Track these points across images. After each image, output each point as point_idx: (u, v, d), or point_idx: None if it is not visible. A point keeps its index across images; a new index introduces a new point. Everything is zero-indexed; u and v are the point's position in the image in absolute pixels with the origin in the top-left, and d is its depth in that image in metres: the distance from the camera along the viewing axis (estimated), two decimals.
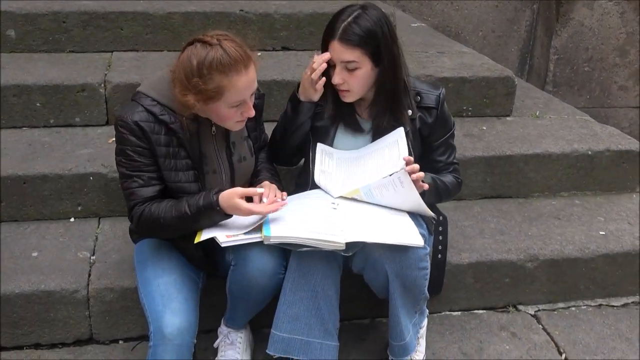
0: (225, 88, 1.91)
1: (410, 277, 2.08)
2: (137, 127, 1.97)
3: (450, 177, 2.34)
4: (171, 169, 2.03)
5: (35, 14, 3.36)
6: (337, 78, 2.13)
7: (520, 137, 3.25)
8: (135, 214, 2.02)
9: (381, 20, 2.12)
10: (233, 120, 2.01)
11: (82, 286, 2.37)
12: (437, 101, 2.27)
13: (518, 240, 2.76)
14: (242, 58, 1.91)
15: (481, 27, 5.35)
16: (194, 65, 1.88)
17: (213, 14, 3.52)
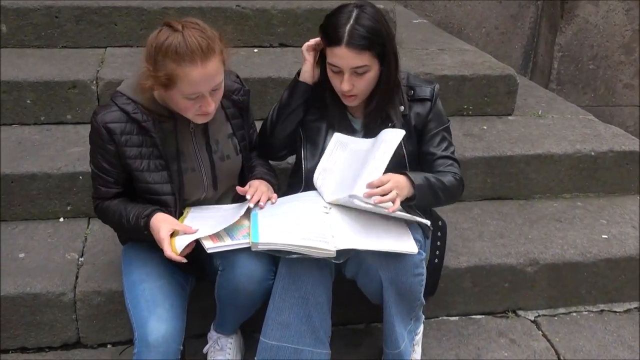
0: (177, 77, 1.83)
1: (405, 284, 2.01)
2: (105, 130, 1.94)
3: (449, 176, 2.21)
4: (142, 169, 1.99)
5: (27, 9, 3.30)
6: (346, 85, 2.05)
7: (522, 137, 3.18)
8: (94, 207, 2.09)
9: (381, 17, 2.05)
10: (191, 112, 1.94)
11: (69, 289, 2.31)
12: (431, 93, 2.20)
13: (518, 244, 2.69)
14: (201, 49, 1.81)
15: (484, 24, 5.28)
16: (151, 49, 1.83)
17: (209, 9, 3.45)
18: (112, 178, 2.02)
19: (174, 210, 2.03)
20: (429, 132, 2.22)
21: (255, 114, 3.10)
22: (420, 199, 2.08)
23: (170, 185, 2.02)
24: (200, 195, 2.12)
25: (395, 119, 2.16)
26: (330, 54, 2.03)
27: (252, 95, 3.07)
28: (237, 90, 2.16)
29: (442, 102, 2.22)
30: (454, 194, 2.22)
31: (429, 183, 2.10)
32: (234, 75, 2.18)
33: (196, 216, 2.06)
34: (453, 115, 3.33)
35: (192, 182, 2.08)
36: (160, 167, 2.01)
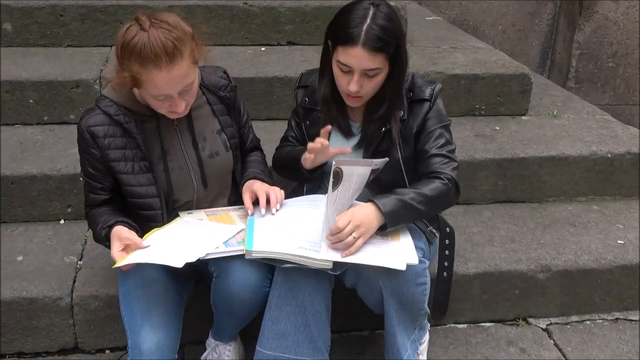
0: (141, 79, 1.77)
1: (407, 294, 1.93)
2: (89, 134, 1.91)
3: (435, 182, 2.01)
4: (127, 172, 1.95)
5: (32, 7, 3.27)
6: (355, 86, 1.95)
7: (536, 138, 3.08)
8: (85, 215, 2.05)
9: (396, 17, 1.95)
10: (162, 110, 1.88)
11: (66, 293, 2.27)
12: (430, 94, 2.09)
13: (530, 249, 2.60)
14: (166, 53, 1.73)
15: (501, 21, 5.19)
16: (119, 47, 1.77)
17: (215, 7, 3.40)
18: (99, 184, 1.98)
19: (160, 213, 1.98)
20: (426, 130, 2.09)
21: (261, 113, 3.11)
22: (396, 223, 1.95)
23: (155, 187, 1.97)
24: (192, 196, 2.06)
25: (392, 124, 2.07)
26: (343, 53, 1.92)
27: (258, 95, 3.09)
28: (224, 86, 2.09)
29: (453, 101, 2.13)
30: (442, 202, 2.05)
31: (404, 204, 1.93)
32: (221, 71, 2.12)
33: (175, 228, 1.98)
34: (464, 116, 3.25)
35: (180, 181, 2.02)
36: (145, 168, 1.95)
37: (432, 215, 2.15)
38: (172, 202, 2.04)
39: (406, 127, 2.09)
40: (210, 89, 2.06)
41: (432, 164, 2.06)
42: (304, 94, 2.20)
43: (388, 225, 1.92)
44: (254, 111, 3.07)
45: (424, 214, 2.02)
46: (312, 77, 2.19)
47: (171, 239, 1.92)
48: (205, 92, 2.06)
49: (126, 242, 1.85)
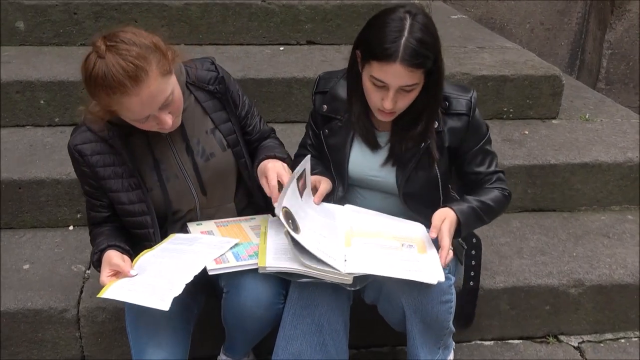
0: (114, 108, 1.67)
1: (432, 313, 1.80)
2: (77, 153, 1.83)
3: (495, 192, 2.00)
4: (117, 190, 1.85)
5: (45, 5, 3.18)
6: (389, 103, 1.79)
7: (567, 143, 2.93)
8: (89, 234, 1.97)
9: (433, 27, 1.79)
10: (152, 129, 1.77)
11: (72, 305, 2.18)
12: (468, 106, 1.95)
13: (561, 262, 2.46)
14: (129, 77, 1.59)
15: (529, 20, 5.04)
16: (83, 80, 1.66)
17: (233, 4, 3.29)
18: (98, 201, 1.89)
19: (152, 232, 1.88)
20: (469, 149, 1.98)
21: (279, 115, 3.00)
22: (465, 231, 1.90)
23: (146, 205, 1.87)
24: (193, 204, 1.95)
25: (430, 137, 1.93)
26: (379, 69, 1.76)
27: (276, 96, 2.98)
28: (212, 79, 1.94)
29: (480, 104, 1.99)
30: (499, 211, 2.03)
31: (475, 212, 1.92)
32: (208, 63, 1.97)
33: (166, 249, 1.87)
34: (492, 119, 3.10)
35: (177, 190, 1.91)
36: (135, 185, 1.86)
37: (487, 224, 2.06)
38: (172, 215, 1.93)
39: (441, 139, 1.95)
40: (198, 85, 1.91)
41: (486, 182, 2.02)
42: (322, 101, 2.05)
43: (462, 232, 1.89)
44: (271, 113, 2.96)
45: (483, 224, 1.99)
46: (332, 82, 2.04)
47: (159, 265, 1.79)
48: (192, 90, 1.92)
49: (115, 269, 1.76)
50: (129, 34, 1.65)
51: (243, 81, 2.87)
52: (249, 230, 1.94)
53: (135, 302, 1.67)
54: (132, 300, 1.67)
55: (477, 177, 2.02)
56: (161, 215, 1.92)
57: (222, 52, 3.22)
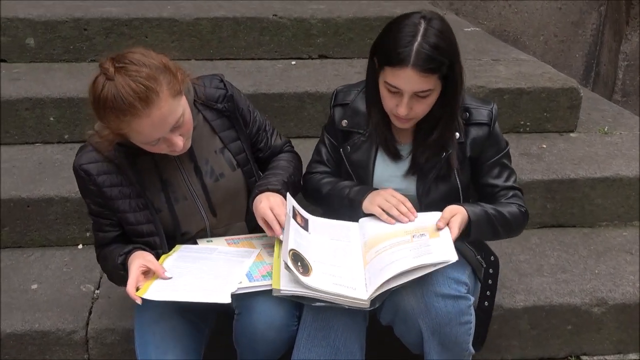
0: (124, 131, 1.64)
1: (450, 335, 1.73)
2: (83, 172, 1.78)
3: (512, 206, 1.96)
4: (125, 210, 1.82)
5: (56, 21, 3.16)
6: (404, 109, 1.76)
7: (586, 157, 2.86)
8: (97, 258, 1.95)
9: (450, 33, 1.76)
10: (163, 152, 1.73)
11: (81, 326, 2.13)
12: (489, 116, 1.92)
13: (583, 280, 2.38)
14: (139, 98, 1.56)
15: (542, 31, 4.98)
16: (92, 103, 1.64)
17: (244, 19, 3.26)
18: (107, 219, 1.85)
19: (161, 252, 1.84)
20: (487, 160, 1.95)
21: (291, 130, 2.94)
22: (476, 234, 1.84)
23: (154, 225, 1.83)
24: (202, 225, 1.91)
25: (450, 148, 1.89)
26: (392, 74, 1.74)
27: (288, 111, 2.93)
28: (221, 97, 1.90)
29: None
30: (515, 227, 1.98)
31: (488, 218, 1.88)
32: (217, 80, 1.93)
33: (184, 256, 1.83)
34: (508, 133, 3.03)
35: (186, 212, 1.87)
36: (142, 205, 1.82)
37: (500, 239, 2.03)
38: (180, 236, 1.89)
39: (462, 150, 1.91)
40: (207, 104, 1.87)
41: (501, 196, 1.98)
42: (343, 114, 2.00)
43: (472, 234, 1.84)
44: (283, 128, 2.91)
45: (497, 235, 1.96)
46: (351, 95, 2.00)
47: (193, 268, 1.77)
48: (200, 109, 1.88)
49: (149, 265, 1.72)
50: (138, 54, 1.62)
51: (255, 96, 2.83)
52: (261, 248, 1.89)
53: (190, 299, 1.65)
54: (186, 298, 1.65)
55: (492, 190, 1.98)
56: (170, 236, 1.88)
57: (233, 67, 3.18)
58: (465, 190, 1.96)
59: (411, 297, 1.70)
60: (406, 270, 1.64)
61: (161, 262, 1.79)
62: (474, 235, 1.86)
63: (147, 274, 1.74)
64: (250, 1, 3.56)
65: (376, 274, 1.68)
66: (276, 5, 3.44)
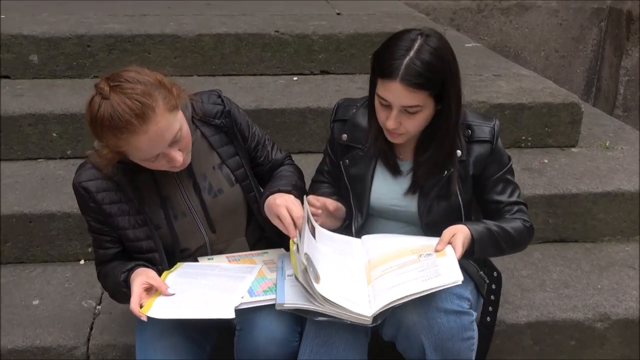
0: (122, 149, 1.65)
1: (453, 350, 1.72)
2: (83, 190, 1.79)
3: (517, 222, 1.95)
4: (124, 227, 1.82)
5: (59, 38, 3.19)
6: (392, 122, 1.77)
7: (588, 172, 2.86)
8: (97, 275, 1.94)
9: (446, 51, 1.76)
10: (162, 168, 1.74)
11: (82, 342, 2.12)
12: (491, 133, 1.92)
13: (586, 295, 2.37)
14: (136, 115, 1.57)
15: (543, 47, 5.02)
16: (89, 123, 1.64)
17: (246, 35, 3.28)
18: (107, 236, 1.85)
19: (161, 269, 1.84)
20: (490, 177, 1.94)
21: (293, 146, 2.95)
22: (480, 252, 1.83)
23: (153, 242, 1.84)
24: (202, 242, 1.91)
25: (452, 166, 1.89)
26: (382, 86, 1.75)
27: (290, 126, 2.94)
28: (218, 113, 1.91)
29: None
30: (520, 242, 1.96)
31: (491, 235, 1.86)
32: (215, 96, 1.93)
33: (185, 273, 1.83)
34: (510, 148, 3.04)
35: (185, 228, 1.87)
36: (141, 222, 1.82)
37: (504, 255, 2.02)
38: (179, 252, 1.89)
39: (465, 168, 1.91)
40: (204, 119, 1.88)
41: (506, 212, 1.97)
42: (342, 129, 2.00)
43: (476, 252, 1.82)
44: (285, 143, 2.92)
45: (501, 252, 1.95)
46: (352, 109, 2.00)
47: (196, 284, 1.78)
48: (198, 125, 1.88)
49: (151, 282, 1.73)
50: (132, 72, 1.63)
51: (257, 111, 2.85)
52: (262, 264, 1.89)
53: (194, 316, 1.65)
54: (190, 315, 1.66)
55: (497, 206, 1.97)
56: (169, 252, 1.88)
57: (235, 82, 3.20)
58: (467, 208, 1.95)
59: (414, 313, 1.69)
60: (415, 293, 1.64)
61: (163, 278, 1.78)
62: (478, 253, 1.86)
63: (149, 290, 1.74)
64: (252, 17, 3.59)
65: (382, 292, 1.67)
66: (278, 21, 3.46)
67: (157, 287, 1.73)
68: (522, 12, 4.94)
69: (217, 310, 1.65)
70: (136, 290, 1.70)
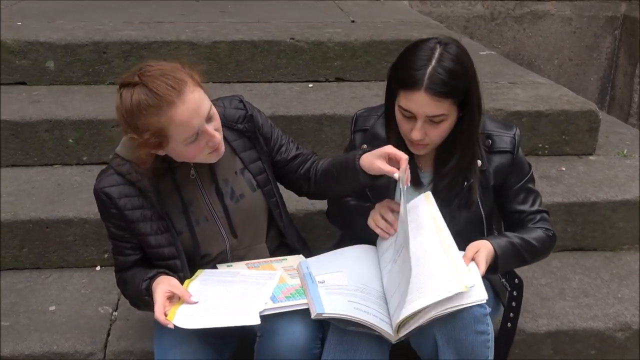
0: (165, 128, 1.64)
1: (466, 343, 1.69)
2: (104, 195, 1.79)
3: (538, 231, 1.94)
4: (146, 233, 1.81)
5: (76, 45, 3.19)
6: (418, 133, 1.76)
7: (607, 180, 2.83)
8: (117, 282, 1.94)
9: (467, 59, 1.76)
10: (202, 154, 1.74)
11: (99, 348, 2.11)
12: (512, 144, 1.91)
13: (606, 304, 2.34)
14: (172, 87, 1.61)
15: (557, 55, 5.00)
16: (125, 117, 1.66)
17: (261, 42, 3.28)
18: (127, 243, 1.84)
19: (182, 275, 1.83)
20: (511, 186, 1.93)
21: None
22: (504, 267, 1.83)
23: (175, 248, 1.83)
24: (223, 247, 1.90)
25: (472, 177, 1.87)
26: (405, 98, 1.74)
27: (306, 133, 2.93)
28: (241, 117, 1.91)
29: None
30: (542, 251, 1.96)
31: (514, 249, 1.86)
32: (236, 101, 1.95)
33: (207, 280, 1.82)
34: (527, 155, 2.95)
35: (207, 233, 1.86)
36: (163, 228, 1.82)
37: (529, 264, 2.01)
38: (200, 259, 1.88)
39: (485, 178, 1.89)
40: (227, 124, 1.87)
41: (528, 221, 1.96)
42: (362, 139, 1.99)
43: (500, 268, 1.82)
44: None
45: (524, 263, 1.94)
46: (371, 120, 2.00)
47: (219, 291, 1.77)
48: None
49: (174, 291, 1.72)
50: (153, 61, 1.70)
51: (272, 118, 2.76)
52: (282, 271, 1.88)
53: (220, 324, 1.64)
54: (215, 324, 1.65)
55: (519, 216, 1.96)
56: (189, 258, 1.87)
57: (250, 89, 3.20)
58: (489, 218, 1.94)
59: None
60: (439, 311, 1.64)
61: (185, 287, 1.77)
62: (501, 268, 1.85)
63: (171, 299, 1.73)
64: (267, 25, 3.59)
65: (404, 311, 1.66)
66: (293, 29, 3.46)
67: (180, 296, 1.72)
68: (535, 21, 4.93)
69: (242, 317, 1.64)
70: (159, 299, 1.69)
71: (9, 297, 2.33)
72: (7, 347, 2.08)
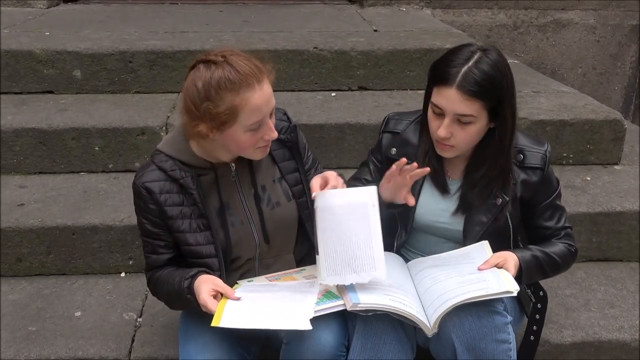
0: (238, 107, 1.66)
1: (486, 352, 1.69)
2: (145, 190, 1.79)
3: (560, 246, 1.95)
4: (184, 230, 1.81)
5: (102, 54, 3.24)
6: (444, 131, 1.78)
7: (632, 190, 2.81)
8: (147, 281, 1.93)
9: (505, 68, 1.78)
10: (254, 146, 1.76)
11: (124, 354, 2.12)
12: (543, 160, 1.91)
13: (632, 315, 2.32)
14: (254, 72, 1.68)
15: (580, 64, 4.95)
16: (200, 88, 1.67)
17: (285, 51, 3.30)
18: (162, 241, 1.84)
19: (218, 275, 1.83)
20: (539, 203, 1.94)
21: (332, 161, 2.95)
22: (527, 280, 1.84)
23: (214, 247, 1.83)
24: (253, 252, 1.91)
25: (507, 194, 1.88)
26: (437, 93, 1.78)
27: (329, 142, 2.95)
28: (285, 128, 1.93)
29: None
30: (563, 266, 1.99)
31: (538, 262, 1.88)
32: (280, 113, 1.97)
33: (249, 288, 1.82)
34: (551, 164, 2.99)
35: (241, 236, 1.87)
36: (203, 226, 1.82)
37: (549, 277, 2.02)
38: (230, 262, 1.88)
39: (513, 191, 1.90)
40: None
41: (553, 236, 1.97)
42: (392, 143, 2.00)
43: (522, 280, 1.83)
44: (324, 159, 2.91)
45: (545, 277, 1.96)
46: (402, 124, 2.00)
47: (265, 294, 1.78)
48: None
49: (218, 289, 1.72)
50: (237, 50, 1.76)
51: None
52: (304, 281, 1.88)
53: (268, 327, 1.65)
54: (264, 325, 1.65)
55: (545, 232, 1.98)
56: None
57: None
58: (516, 230, 1.95)
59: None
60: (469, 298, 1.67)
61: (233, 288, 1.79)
62: (525, 281, 1.86)
63: (215, 298, 1.72)
64: (290, 34, 3.62)
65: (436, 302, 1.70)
66: (316, 38, 3.48)
67: (225, 293, 1.73)
68: (558, 29, 4.89)
69: (292, 321, 1.64)
70: (206, 297, 1.69)
71: (36, 303, 2.36)
72: (34, 352, 2.11)
